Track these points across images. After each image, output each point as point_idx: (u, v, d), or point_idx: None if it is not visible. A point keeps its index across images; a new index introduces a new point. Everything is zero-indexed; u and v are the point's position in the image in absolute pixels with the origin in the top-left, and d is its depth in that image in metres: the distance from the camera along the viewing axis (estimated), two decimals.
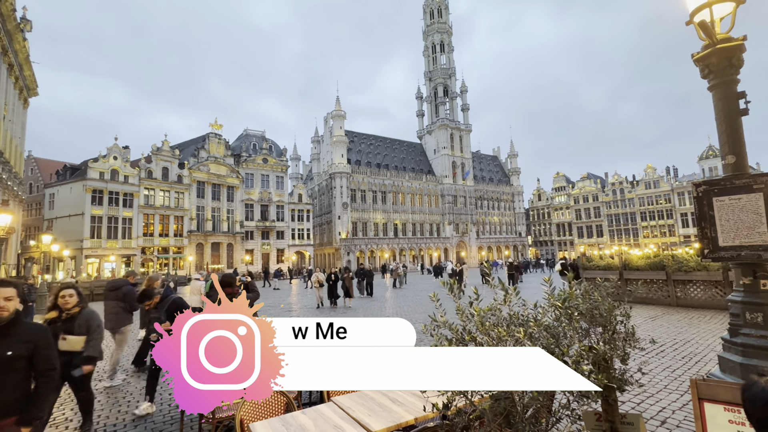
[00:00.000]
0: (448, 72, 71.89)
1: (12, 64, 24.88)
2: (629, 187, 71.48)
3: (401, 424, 2.63)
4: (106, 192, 37.89)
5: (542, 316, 2.44)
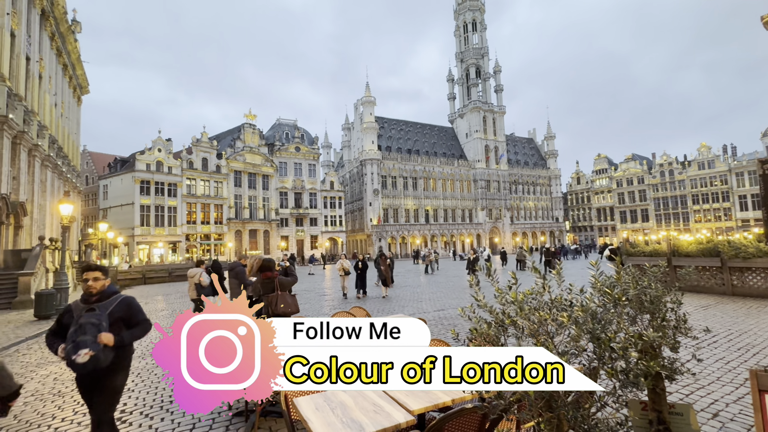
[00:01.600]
0: (480, 52, 69.27)
1: (66, 65, 26.68)
2: (679, 168, 66.46)
3: (438, 405, 2.67)
4: (153, 182, 40.27)
5: (588, 302, 2.36)
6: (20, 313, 12.08)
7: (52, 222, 22.36)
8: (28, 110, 18.44)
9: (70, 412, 4.44)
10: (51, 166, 22.14)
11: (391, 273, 17.65)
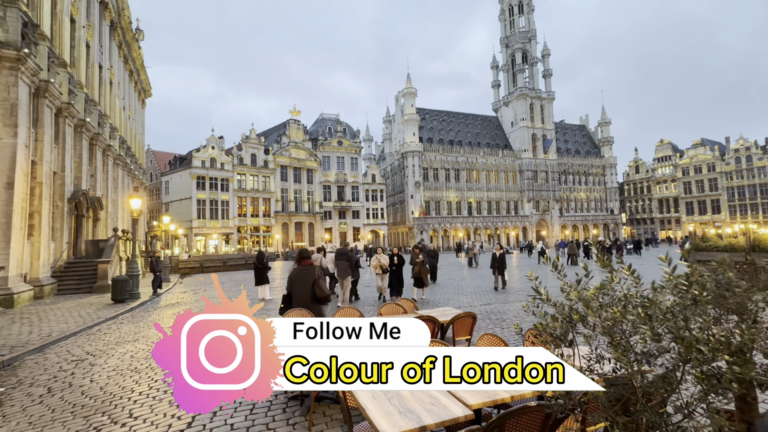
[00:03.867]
0: (527, 35, 65.88)
1: (131, 71, 29.05)
2: (759, 154, 59.24)
3: (497, 401, 2.60)
4: (207, 178, 42.97)
5: (662, 298, 2.15)
6: (99, 297, 13.50)
7: (123, 215, 24.66)
8: (102, 114, 20.34)
9: (146, 387, 4.88)
10: (122, 164, 24.35)
11: (432, 270, 15.46)
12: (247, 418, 3.96)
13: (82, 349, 7.02)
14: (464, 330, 4.98)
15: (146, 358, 6.22)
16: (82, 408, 4.31)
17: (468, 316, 4.96)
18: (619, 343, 1.85)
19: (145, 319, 9.94)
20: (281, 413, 4.03)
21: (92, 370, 5.74)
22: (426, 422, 2.24)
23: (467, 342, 5.02)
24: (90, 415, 4.11)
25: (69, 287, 14.67)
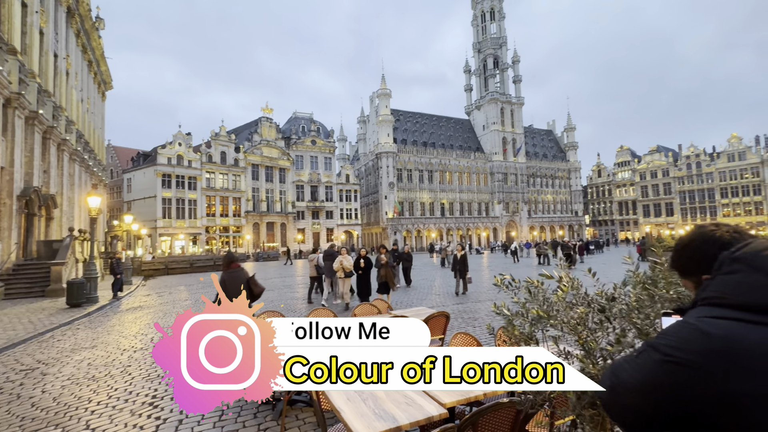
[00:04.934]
0: (498, 42, 67.77)
1: (91, 61, 27.41)
2: (708, 160, 63.87)
3: (470, 399, 2.64)
4: (174, 176, 41.24)
5: (625, 297, 2.27)
6: (53, 301, 12.62)
7: (80, 214, 23.20)
8: (57, 106, 19.06)
9: (104, 396, 4.61)
10: (79, 160, 22.90)
11: (405, 273, 14.83)
12: (216, 425, 3.83)
13: (33, 357, 6.54)
14: (438, 329, 5.05)
15: (105, 365, 5.88)
16: (32, 421, 4.01)
17: (441, 316, 5.02)
18: (585, 340, 1.93)
19: (104, 324, 9.39)
20: (252, 419, 3.93)
21: (44, 379, 5.35)
22: (401, 422, 2.25)
23: (441, 341, 5.09)
24: (41, 429, 3.83)
25: (18, 291, 13.63)
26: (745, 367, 0.66)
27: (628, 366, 0.82)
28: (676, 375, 0.72)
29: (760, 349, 0.67)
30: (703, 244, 0.92)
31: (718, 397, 0.67)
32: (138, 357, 6.28)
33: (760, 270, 0.74)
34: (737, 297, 0.75)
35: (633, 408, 0.79)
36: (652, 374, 0.76)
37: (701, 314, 0.77)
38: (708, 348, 0.70)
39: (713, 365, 0.69)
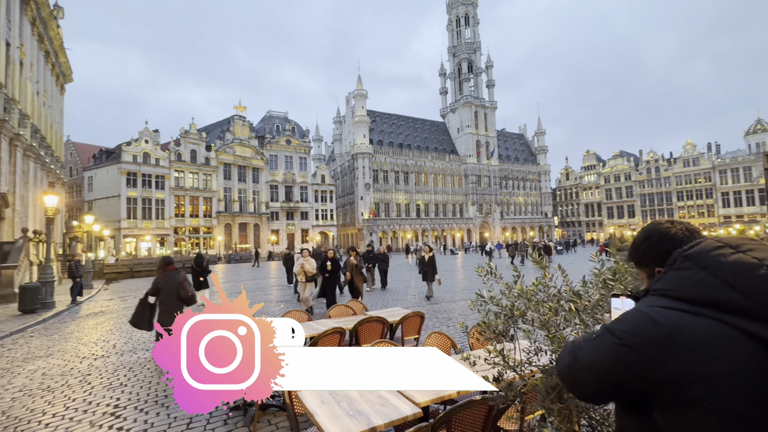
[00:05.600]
0: (472, 47, 69.24)
1: (48, 52, 25.78)
2: (665, 165, 67.80)
3: (444, 397, 2.67)
4: (140, 174, 39.44)
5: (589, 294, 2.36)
6: (3, 308, 11.75)
7: (35, 214, 21.74)
8: (9, 98, 17.79)
9: (61, 407, 4.33)
10: (33, 156, 21.46)
11: (382, 275, 13.72)
12: None
13: None
14: (413, 329, 5.08)
15: (62, 374, 5.53)
16: None
17: (416, 316, 5.06)
18: (554, 335, 2.00)
19: (61, 331, 8.84)
20: (222, 426, 3.80)
21: None
22: (375, 423, 2.24)
23: (416, 341, 5.12)
24: None
25: None
26: (686, 352, 0.76)
27: (586, 346, 0.90)
28: (627, 357, 0.81)
29: (699, 337, 0.76)
30: (659, 240, 1.01)
31: (662, 377, 0.76)
32: (99, 365, 5.95)
33: (705, 268, 0.83)
34: (685, 291, 0.83)
35: (588, 382, 0.89)
36: (606, 355, 0.84)
37: (653, 303, 0.86)
38: (657, 335, 0.79)
39: (660, 350, 0.77)
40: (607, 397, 0.92)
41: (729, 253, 0.83)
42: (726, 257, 0.82)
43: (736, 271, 0.79)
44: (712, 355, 0.74)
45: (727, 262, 0.81)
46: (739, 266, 0.79)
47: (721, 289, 0.79)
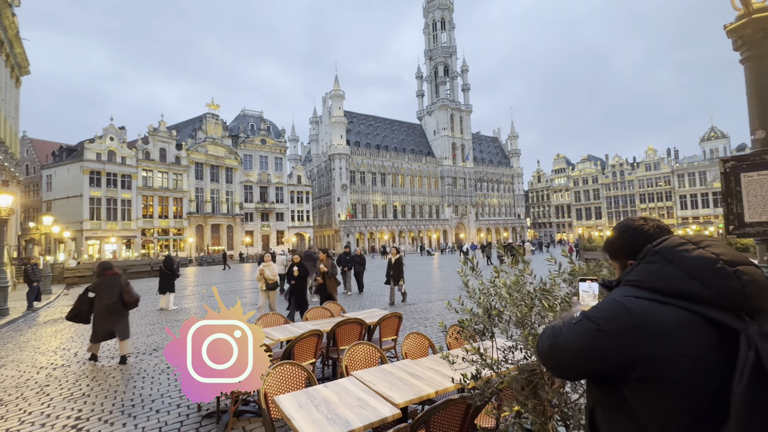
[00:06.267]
0: (449, 51, 70.32)
1: (2, 42, 24.15)
2: (629, 169, 71.23)
3: (422, 397, 2.68)
4: (104, 173, 37.57)
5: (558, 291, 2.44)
6: None
7: None
8: None
9: (15, 421, 4.05)
10: None
11: (358, 278, 13.20)
12: None
13: None
14: (391, 330, 5.09)
15: (17, 386, 5.17)
16: None
17: (394, 317, 5.07)
18: (530, 333, 2.05)
19: (15, 339, 8.28)
20: None
21: None
22: (355, 426, 2.22)
23: (393, 342, 5.13)
24: None
25: None
26: (655, 336, 0.85)
27: (566, 330, 0.99)
28: (603, 340, 0.90)
29: (667, 323, 0.85)
30: (633, 236, 1.11)
31: (634, 359, 0.86)
32: (59, 375, 5.60)
33: (672, 262, 0.92)
34: (654, 282, 0.92)
35: (566, 363, 0.99)
36: (585, 340, 0.93)
37: (626, 293, 0.95)
38: (630, 321, 0.88)
39: (633, 335, 0.87)
40: (582, 376, 1.05)
41: (692, 248, 0.92)
42: (689, 252, 0.91)
43: (697, 265, 0.88)
44: (677, 338, 0.84)
45: (690, 256, 0.90)
46: (700, 260, 0.89)
47: (686, 280, 0.88)
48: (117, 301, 5.76)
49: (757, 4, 2.40)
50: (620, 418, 0.93)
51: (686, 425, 0.82)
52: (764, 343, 0.76)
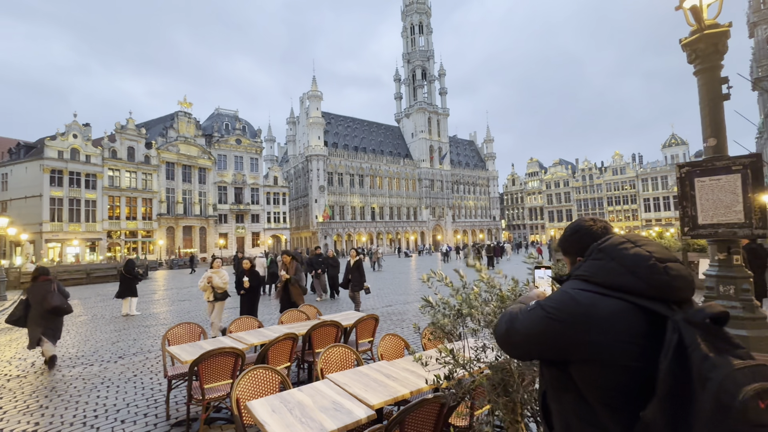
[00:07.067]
0: (426, 55, 71.15)
1: None
2: (597, 173, 74.26)
3: (397, 398, 2.70)
4: (66, 172, 35.65)
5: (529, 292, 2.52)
6: None
7: None
8: None
9: None
10: None
11: (331, 282, 12.18)
12: None
13: None
14: (367, 332, 5.08)
15: None
16: None
17: (371, 319, 5.07)
18: None
19: None
20: None
21: None
22: (329, 429, 2.21)
23: (370, 344, 5.13)
24: None
25: None
26: (598, 324, 0.96)
27: (521, 317, 1.10)
28: (553, 327, 1.01)
29: (608, 313, 0.96)
30: (583, 236, 1.23)
31: (580, 343, 0.97)
32: (13, 386, 5.26)
33: (614, 259, 1.03)
34: (598, 277, 1.04)
35: (520, 345, 1.11)
36: (537, 325, 1.04)
37: (575, 286, 1.06)
38: (577, 311, 0.99)
39: (579, 323, 0.98)
40: (533, 357, 1.19)
41: (630, 247, 1.04)
42: (628, 250, 1.03)
43: (634, 261, 1.00)
44: (616, 326, 0.95)
45: (629, 254, 1.02)
46: (637, 258, 1.00)
47: (625, 275, 0.99)
48: (40, 307, 5.81)
49: (708, 21, 2.57)
50: (567, 395, 1.05)
51: (622, 399, 0.94)
52: (686, 327, 0.87)
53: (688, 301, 0.98)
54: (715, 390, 0.78)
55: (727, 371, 0.79)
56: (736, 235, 2.39)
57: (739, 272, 2.48)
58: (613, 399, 0.95)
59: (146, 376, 5.51)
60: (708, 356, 0.82)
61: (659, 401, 0.86)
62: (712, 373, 0.80)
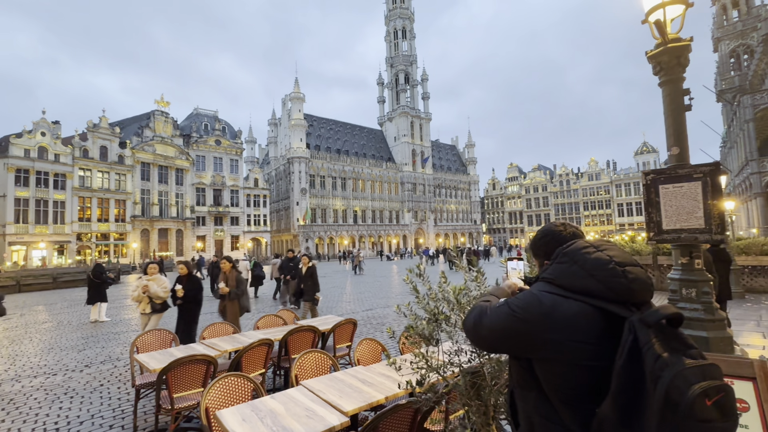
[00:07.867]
0: (409, 59, 71.77)
1: None
2: (574, 179, 76.51)
3: (372, 404, 2.67)
4: (33, 172, 34.03)
5: None
6: None
7: None
8: None
9: None
10: None
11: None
12: None
13: None
14: (345, 337, 5.04)
15: None
16: None
17: (349, 323, 5.03)
18: None
19: None
20: None
21: None
22: None
23: (348, 348, 5.08)
24: None
25: None
26: (559, 324, 1.01)
27: (489, 312, 1.15)
28: (517, 324, 1.07)
29: (570, 314, 1.01)
30: (551, 240, 1.27)
31: (542, 341, 1.03)
32: None
33: (576, 263, 1.08)
34: (561, 279, 1.09)
35: (487, 339, 1.17)
36: (503, 322, 1.10)
37: (540, 288, 1.12)
38: (540, 311, 1.04)
39: (541, 321, 1.03)
40: (498, 350, 1.26)
41: (592, 251, 1.09)
42: (590, 254, 1.08)
43: (595, 265, 1.05)
44: (576, 326, 1.00)
45: (590, 258, 1.07)
46: (597, 261, 1.05)
47: (586, 278, 1.04)
48: None
49: (672, 35, 2.68)
50: (531, 393, 1.11)
51: (580, 395, 0.99)
52: (642, 328, 0.91)
53: (646, 303, 1.03)
54: (665, 387, 0.81)
55: (678, 370, 0.82)
56: (697, 240, 2.50)
57: (701, 276, 2.58)
58: (571, 395, 1.00)
59: (114, 385, 5.29)
60: (660, 355, 0.86)
61: (612, 397, 0.90)
62: (663, 371, 0.83)
